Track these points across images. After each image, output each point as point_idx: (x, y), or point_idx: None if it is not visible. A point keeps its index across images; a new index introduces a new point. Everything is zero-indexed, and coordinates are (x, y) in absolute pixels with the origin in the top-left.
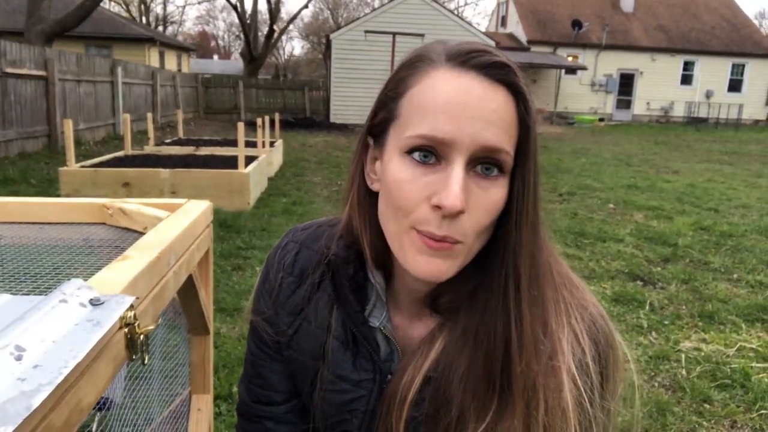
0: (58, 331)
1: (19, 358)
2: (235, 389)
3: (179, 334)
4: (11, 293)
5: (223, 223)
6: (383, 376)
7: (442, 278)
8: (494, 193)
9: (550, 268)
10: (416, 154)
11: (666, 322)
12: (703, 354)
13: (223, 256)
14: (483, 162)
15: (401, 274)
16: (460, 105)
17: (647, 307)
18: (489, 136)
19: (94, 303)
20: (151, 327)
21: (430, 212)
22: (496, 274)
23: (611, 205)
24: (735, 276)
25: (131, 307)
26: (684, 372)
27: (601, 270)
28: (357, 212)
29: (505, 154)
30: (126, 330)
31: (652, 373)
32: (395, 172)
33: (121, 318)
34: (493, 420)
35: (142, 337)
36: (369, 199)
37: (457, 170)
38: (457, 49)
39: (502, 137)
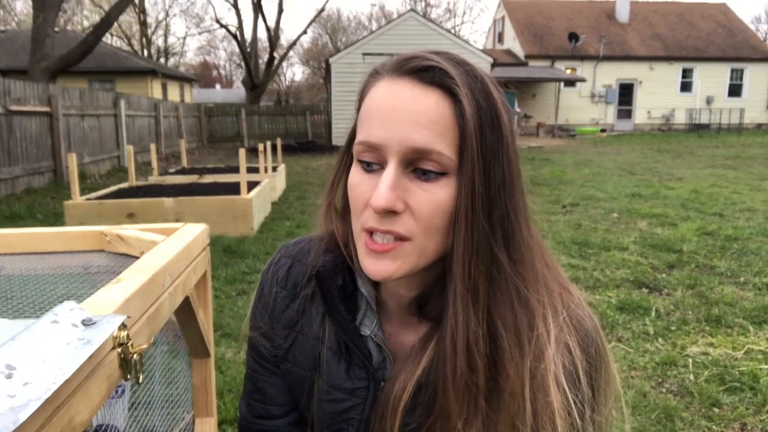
0: (48, 351)
1: (9, 377)
2: None
3: (182, 361)
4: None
5: (227, 249)
6: (377, 384)
7: (392, 277)
8: (436, 194)
9: (535, 273)
10: (362, 161)
11: (673, 328)
12: (710, 358)
13: (228, 282)
14: (419, 164)
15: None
16: (388, 110)
17: (653, 314)
18: (416, 138)
19: (86, 323)
20: (144, 346)
21: (371, 213)
22: (452, 279)
23: (615, 214)
24: (741, 279)
25: (124, 326)
26: (692, 377)
27: (606, 279)
28: (341, 222)
29: (438, 155)
30: (119, 350)
31: (660, 379)
32: (350, 178)
33: (114, 338)
34: (440, 423)
35: (135, 356)
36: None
37: (387, 172)
38: (398, 59)
39: (432, 139)
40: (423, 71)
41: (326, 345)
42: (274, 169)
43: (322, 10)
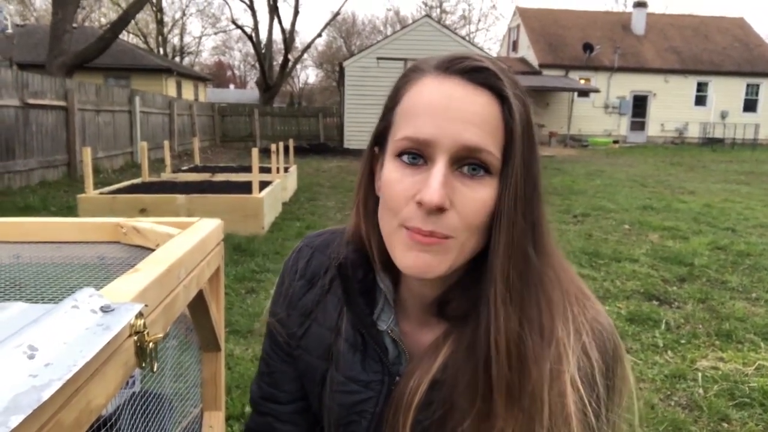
0: (69, 334)
1: (31, 357)
2: (247, 409)
3: (191, 355)
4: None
5: (238, 247)
6: (392, 378)
7: (432, 274)
8: (481, 193)
9: (556, 275)
10: (405, 157)
11: (682, 341)
12: (720, 373)
13: (237, 280)
14: (468, 162)
15: (407, 279)
16: (441, 107)
17: (663, 327)
18: (469, 136)
19: (105, 310)
20: (160, 335)
21: (416, 209)
22: (486, 277)
23: (626, 226)
24: (753, 295)
25: (141, 315)
26: (701, 391)
27: (616, 290)
28: (364, 219)
29: (488, 154)
30: (136, 338)
31: (669, 392)
32: (387, 174)
33: (131, 326)
34: (480, 424)
35: (151, 345)
36: (376, 205)
37: (438, 168)
38: (443, 58)
39: (484, 138)
40: (474, 72)
41: (343, 337)
42: (286, 169)
43: (338, 13)
